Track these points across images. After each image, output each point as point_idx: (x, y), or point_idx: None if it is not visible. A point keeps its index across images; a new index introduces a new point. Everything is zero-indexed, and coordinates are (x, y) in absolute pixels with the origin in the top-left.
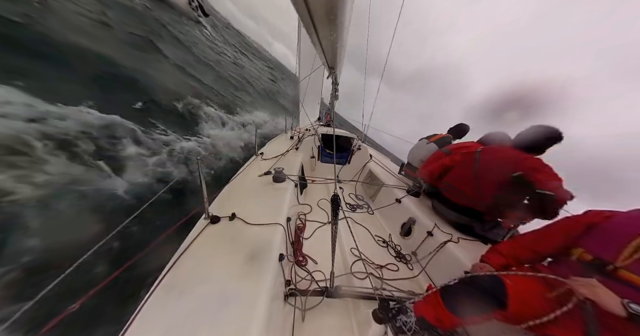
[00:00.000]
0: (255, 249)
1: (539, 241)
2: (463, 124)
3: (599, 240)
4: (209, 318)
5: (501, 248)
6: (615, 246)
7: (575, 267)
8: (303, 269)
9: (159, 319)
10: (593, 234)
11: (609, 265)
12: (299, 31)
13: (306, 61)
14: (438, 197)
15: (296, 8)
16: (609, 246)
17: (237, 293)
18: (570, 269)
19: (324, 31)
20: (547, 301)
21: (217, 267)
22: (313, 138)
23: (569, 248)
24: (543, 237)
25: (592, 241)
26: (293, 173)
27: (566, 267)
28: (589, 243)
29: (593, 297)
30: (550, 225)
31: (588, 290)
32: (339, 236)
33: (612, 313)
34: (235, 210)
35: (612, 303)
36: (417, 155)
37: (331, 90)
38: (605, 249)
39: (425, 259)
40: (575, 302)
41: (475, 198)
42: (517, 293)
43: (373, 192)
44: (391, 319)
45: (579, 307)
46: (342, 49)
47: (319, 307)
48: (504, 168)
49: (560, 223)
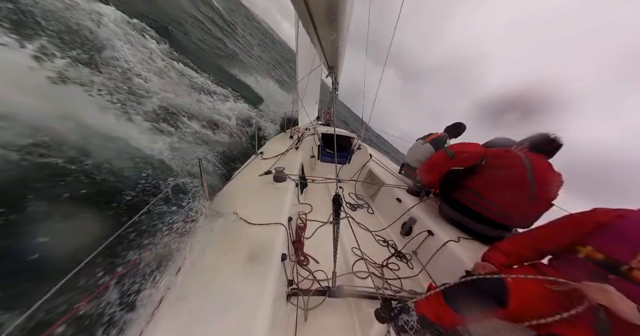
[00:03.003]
0: (258, 248)
1: (543, 239)
2: (459, 123)
3: (611, 239)
4: (213, 317)
5: (502, 246)
6: (631, 246)
7: (580, 265)
8: (305, 269)
9: (161, 319)
10: (605, 233)
11: (623, 265)
12: (297, 29)
13: (305, 60)
14: (453, 203)
15: (296, 8)
16: (624, 246)
17: (241, 293)
18: (575, 266)
19: (324, 31)
20: (552, 301)
21: (219, 267)
22: (313, 137)
23: (574, 245)
24: (548, 234)
25: (603, 240)
26: (293, 173)
27: (570, 264)
28: (599, 241)
29: (607, 303)
30: (555, 222)
31: (602, 296)
32: (340, 235)
33: (627, 320)
34: (236, 209)
35: (628, 310)
36: (413, 155)
37: (331, 89)
38: (619, 249)
39: (426, 258)
40: (586, 306)
41: (520, 218)
42: (519, 292)
43: (373, 191)
44: (393, 318)
45: (589, 310)
46: (342, 48)
47: (321, 307)
48: (558, 189)
49: (566, 220)
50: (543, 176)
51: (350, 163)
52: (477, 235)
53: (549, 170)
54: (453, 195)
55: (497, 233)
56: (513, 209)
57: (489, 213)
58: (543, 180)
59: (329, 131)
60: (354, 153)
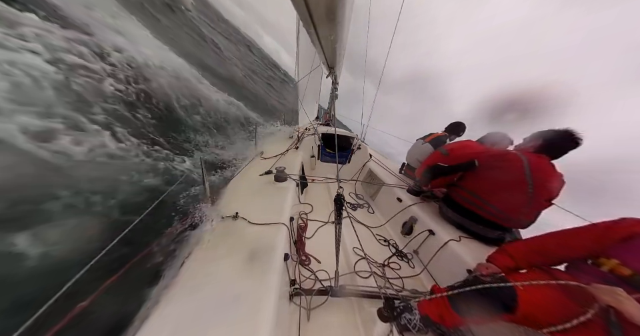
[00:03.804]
0: (260, 248)
1: (558, 246)
2: (459, 122)
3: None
4: (217, 317)
5: (510, 249)
6: None
7: (604, 279)
8: (307, 269)
9: (165, 319)
10: (634, 246)
11: None
12: (298, 29)
13: (305, 60)
14: (452, 204)
15: (296, 8)
16: None
17: (244, 293)
18: (597, 280)
19: (324, 31)
20: (565, 308)
21: (222, 267)
22: (313, 137)
23: (596, 257)
24: (568, 243)
25: (632, 254)
26: (293, 172)
27: (591, 276)
28: (627, 255)
29: (617, 305)
30: (575, 230)
31: (612, 298)
32: (342, 235)
33: (636, 323)
34: (238, 209)
35: (637, 312)
36: (413, 154)
37: (331, 89)
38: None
39: (427, 258)
40: (597, 310)
41: (518, 219)
42: (529, 298)
43: (373, 191)
44: (396, 317)
45: (600, 314)
46: (341, 48)
47: (323, 306)
48: (558, 190)
49: (589, 229)
50: (542, 175)
51: (350, 162)
52: (476, 236)
53: (549, 170)
54: (452, 196)
55: (496, 234)
56: (511, 210)
57: (488, 215)
58: (542, 180)
59: (329, 130)
60: (354, 152)
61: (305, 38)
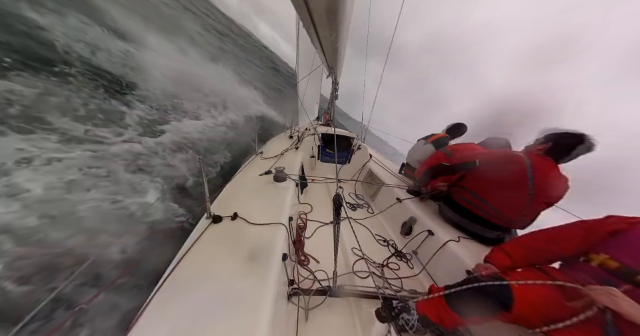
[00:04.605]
0: (258, 248)
1: (552, 243)
2: (460, 123)
3: (627, 248)
4: (214, 317)
5: (507, 248)
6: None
7: (595, 274)
8: (305, 269)
9: (163, 319)
10: (620, 241)
11: (638, 275)
12: (298, 30)
13: (305, 60)
14: (451, 205)
15: (296, 8)
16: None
17: (242, 293)
18: (588, 275)
19: (324, 31)
20: (561, 307)
21: (220, 267)
22: (313, 137)
23: (586, 253)
24: (557, 239)
25: (618, 248)
26: (293, 172)
27: (583, 272)
28: (614, 250)
29: (613, 306)
30: (564, 227)
31: (608, 299)
32: (340, 235)
33: (634, 322)
34: (237, 209)
35: (634, 312)
36: (414, 155)
37: (331, 89)
38: (635, 258)
39: (426, 258)
40: (594, 310)
41: (518, 220)
42: (525, 296)
43: (373, 191)
44: (394, 317)
45: (597, 315)
46: (342, 48)
47: (322, 306)
48: (560, 193)
49: (577, 226)
50: (544, 178)
51: (350, 162)
52: (476, 236)
53: (552, 172)
54: (452, 196)
55: (495, 235)
56: (511, 211)
57: (488, 215)
58: (543, 182)
59: (329, 130)
60: (354, 152)
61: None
